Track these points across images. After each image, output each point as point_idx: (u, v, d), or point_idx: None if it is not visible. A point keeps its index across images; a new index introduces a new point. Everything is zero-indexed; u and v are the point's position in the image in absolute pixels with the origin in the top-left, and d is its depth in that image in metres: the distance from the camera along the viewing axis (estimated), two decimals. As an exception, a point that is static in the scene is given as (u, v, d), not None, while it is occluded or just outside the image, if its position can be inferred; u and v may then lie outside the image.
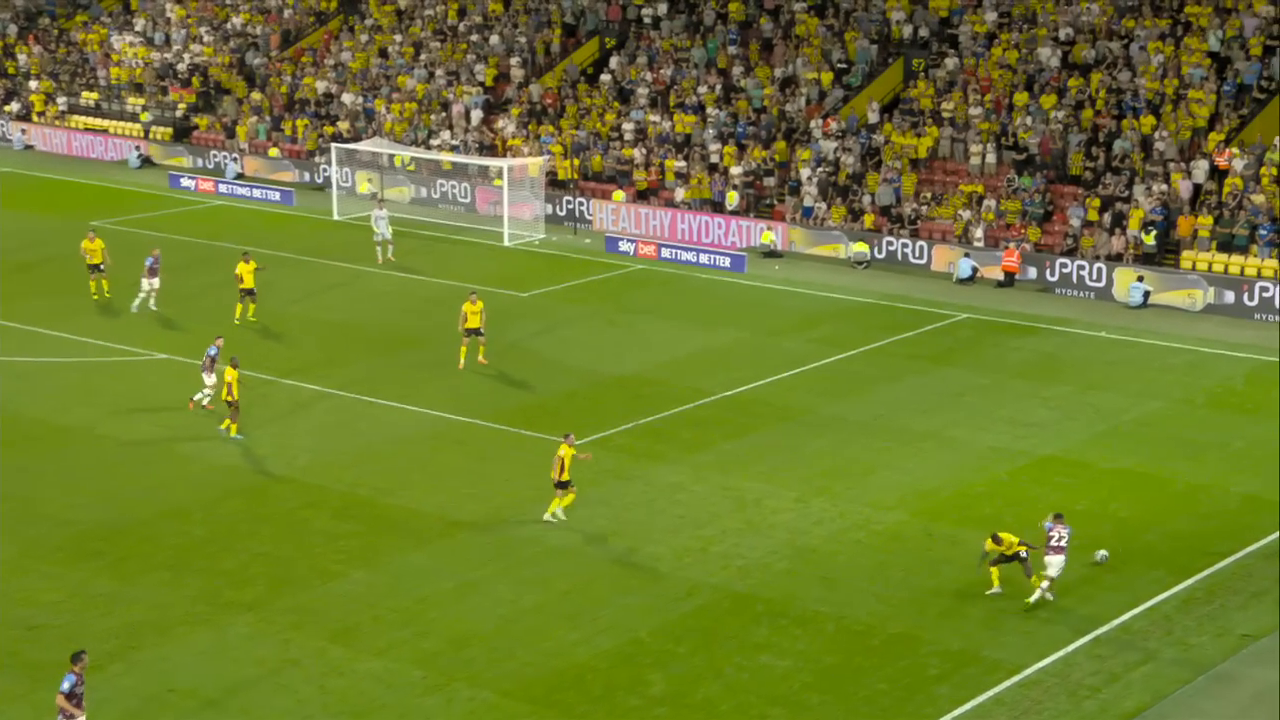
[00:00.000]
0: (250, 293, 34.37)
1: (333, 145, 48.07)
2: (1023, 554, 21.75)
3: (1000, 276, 38.86)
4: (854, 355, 32.31)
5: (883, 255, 40.68)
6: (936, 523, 24.29)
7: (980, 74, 44.43)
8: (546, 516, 24.19)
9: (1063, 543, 21.73)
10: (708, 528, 24.16)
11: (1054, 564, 21.66)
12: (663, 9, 51.56)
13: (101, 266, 35.77)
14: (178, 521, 24.21)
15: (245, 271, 34.34)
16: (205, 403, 28.61)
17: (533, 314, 36.39)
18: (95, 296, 36.03)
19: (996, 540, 21.79)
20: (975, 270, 39.11)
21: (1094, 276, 37.48)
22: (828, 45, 47.74)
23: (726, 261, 40.65)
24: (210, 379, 28.54)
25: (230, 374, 27.28)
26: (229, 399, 27.23)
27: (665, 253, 41.60)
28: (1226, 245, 37.01)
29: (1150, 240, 37.57)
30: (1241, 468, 26.19)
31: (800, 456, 27.22)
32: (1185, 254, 37.46)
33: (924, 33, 46.80)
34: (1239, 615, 21.09)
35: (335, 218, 45.88)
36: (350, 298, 36.92)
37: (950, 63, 45.20)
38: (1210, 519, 24.25)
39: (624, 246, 42.25)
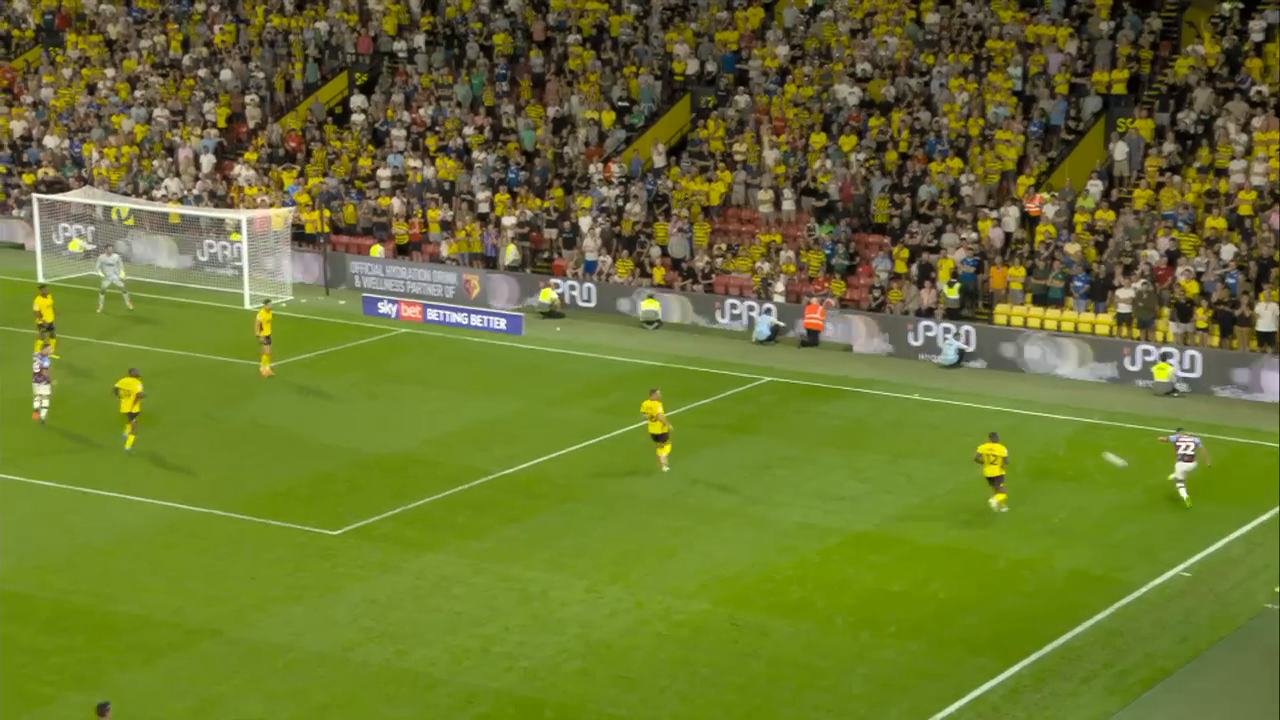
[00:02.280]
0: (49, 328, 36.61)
1: (34, 196, 46.65)
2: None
3: (803, 334, 40.18)
4: (645, 426, 32.88)
5: (677, 315, 41.64)
6: (742, 610, 24.87)
7: (774, 113, 46.15)
8: (665, 468, 30.17)
9: (1190, 450, 28.61)
10: (488, 625, 24.23)
11: (1182, 469, 28.65)
12: (420, 41, 52.00)
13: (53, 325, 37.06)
14: None
15: (44, 306, 36.16)
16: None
17: (280, 386, 35.94)
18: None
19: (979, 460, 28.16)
20: (776, 328, 40.35)
21: (907, 334, 39.09)
22: (606, 81, 48.88)
23: (502, 323, 41.00)
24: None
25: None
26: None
27: (432, 314, 41.71)
28: (1042, 298, 39.20)
29: (953, 293, 39.48)
30: (1067, 541, 27.62)
31: (590, 541, 27.54)
32: (999, 308, 39.51)
33: (711, 68, 48.42)
34: (1070, 703, 22.08)
35: (40, 280, 44.42)
36: (59, 373, 35.75)
37: (741, 100, 46.83)
38: (1036, 597, 25.45)
39: (385, 308, 42.18)
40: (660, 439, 30.46)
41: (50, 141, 51.52)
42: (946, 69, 45.29)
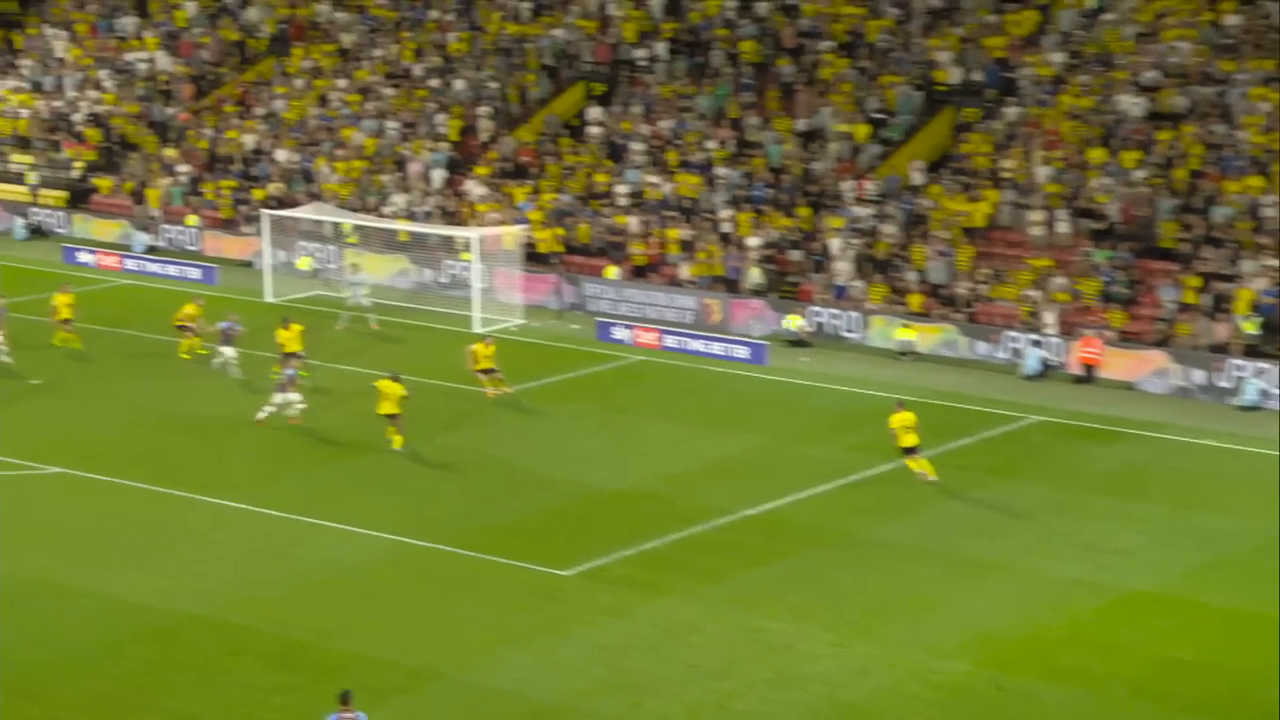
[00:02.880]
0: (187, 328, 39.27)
1: (263, 212, 48.54)
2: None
3: (1078, 370, 39.17)
4: (900, 466, 32.41)
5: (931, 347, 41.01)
6: (1007, 673, 24.24)
7: (1046, 126, 45.15)
8: (931, 478, 31.12)
9: None
10: (727, 678, 24.08)
11: None
12: (661, 49, 52.49)
13: (71, 320, 39.84)
14: (73, 673, 24.05)
15: (288, 338, 37.77)
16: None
17: (509, 415, 36.54)
18: (60, 345, 40.12)
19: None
20: (1046, 363, 39.41)
21: (1192, 370, 37.75)
22: (861, 92, 48.54)
23: (745, 352, 40.94)
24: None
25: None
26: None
27: (670, 340, 41.90)
28: (1355, 333, 37.38)
29: (1252, 328, 37.93)
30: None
31: (837, 590, 27.21)
32: (1307, 344, 37.82)
33: (977, 77, 47.63)
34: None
35: (268, 299, 46.16)
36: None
37: (1010, 113, 45.95)
38: (1347, 669, 24.20)
39: (619, 333, 42.55)
40: (912, 451, 30.85)
41: (281, 155, 53.59)
42: (1246, 76, 43.68)
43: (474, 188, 49.90)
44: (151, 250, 51.28)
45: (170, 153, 55.34)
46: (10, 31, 64.32)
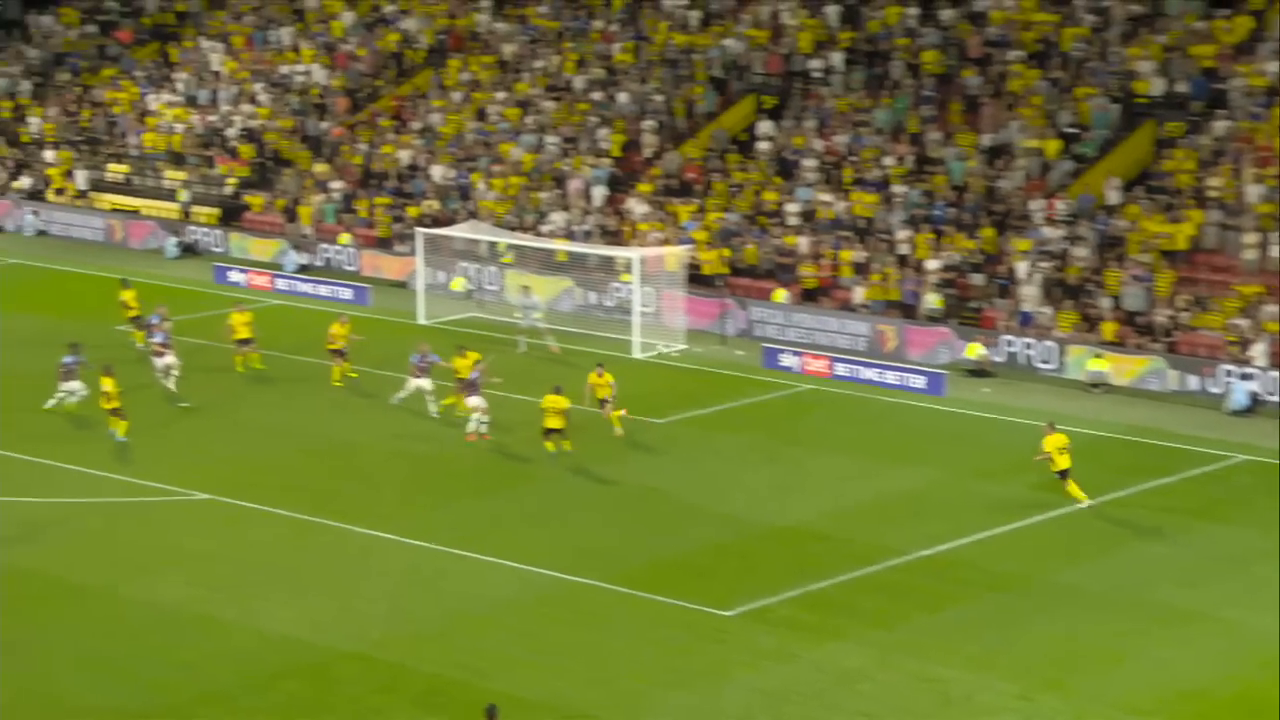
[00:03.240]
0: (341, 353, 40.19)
1: (417, 230, 49.32)
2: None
3: (1287, 405, 38.07)
4: (1091, 506, 31.80)
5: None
6: (1211, 733, 23.64)
7: (1259, 141, 44.08)
8: (1083, 503, 31.46)
9: None
10: (900, 731, 23.83)
11: None
12: (837, 59, 52.34)
13: (252, 340, 41.16)
14: (219, 709, 24.59)
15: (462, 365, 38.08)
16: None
17: (670, 446, 36.63)
18: (242, 370, 41.23)
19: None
20: (1255, 397, 38.42)
21: None
22: (1053, 105, 47.88)
23: (921, 381, 40.55)
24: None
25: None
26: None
27: (841, 369, 41.66)
28: None
29: None
30: None
31: (1022, 638, 26.77)
32: None
33: (1181, 88, 46.70)
34: None
35: (420, 321, 46.88)
36: (439, 424, 37.57)
37: (1218, 127, 44.95)
38: None
39: (787, 360, 42.42)
40: (1065, 475, 31.39)
41: (436, 171, 54.45)
42: None
43: (636, 206, 50.18)
44: (303, 270, 52.34)
45: (323, 169, 56.53)
46: (167, 44, 66.29)
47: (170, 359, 39.22)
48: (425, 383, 37.97)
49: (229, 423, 37.98)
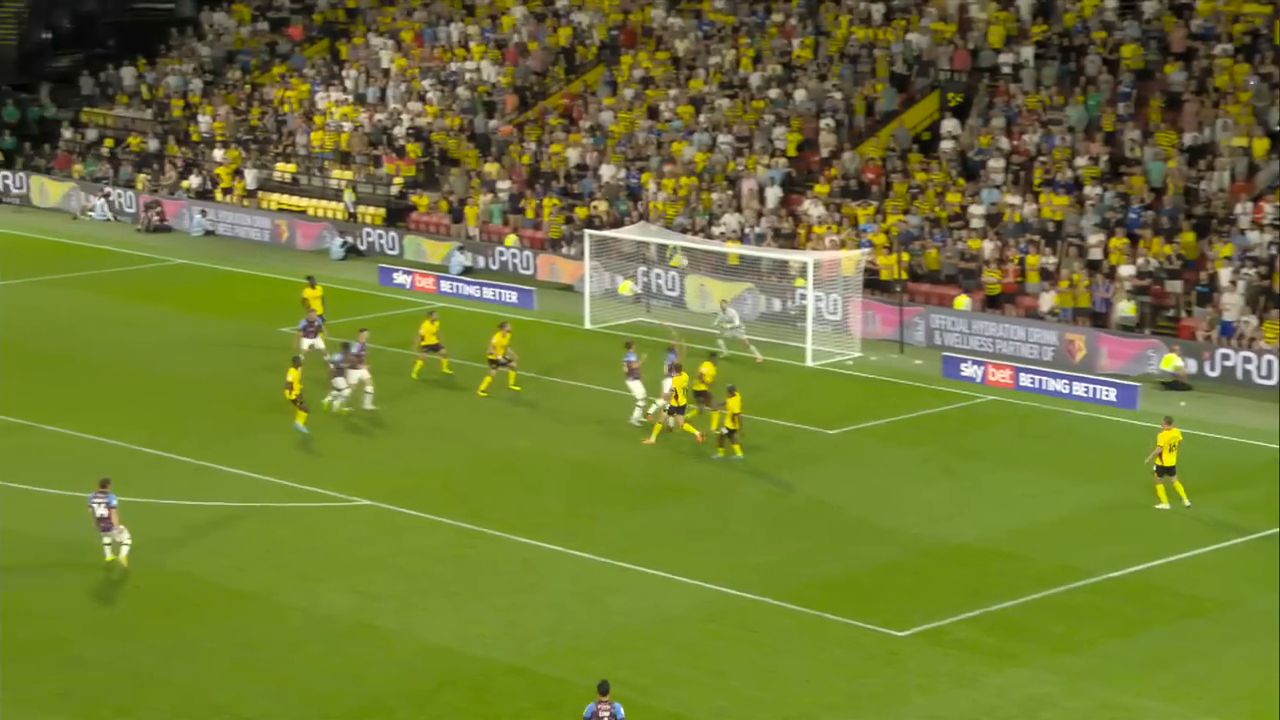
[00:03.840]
0: (435, 348, 41.42)
1: (585, 232, 49.85)
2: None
3: None
4: (1188, 508, 31.22)
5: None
6: None
7: None
8: (1187, 503, 32.28)
9: None
10: (1084, 762, 23.64)
11: None
12: (1028, 54, 51.85)
13: (440, 346, 41.77)
14: None
15: (429, 331, 40.44)
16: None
17: (842, 458, 36.63)
18: (416, 376, 41.76)
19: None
20: None
21: None
22: (1261, 101, 46.93)
23: (1112, 394, 40.03)
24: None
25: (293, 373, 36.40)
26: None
27: (1026, 379, 41.29)
28: None
29: None
30: None
31: (1220, 666, 26.38)
32: None
33: (1400, 82, 45.49)
34: None
35: (587, 325, 47.37)
36: (603, 432, 37.98)
37: None
38: None
39: (968, 370, 42.15)
40: (1169, 472, 32.20)
41: (606, 171, 55.00)
42: None
43: (812, 208, 50.18)
44: (468, 272, 53.13)
45: (491, 168, 57.39)
46: (337, 42, 67.82)
47: (363, 373, 39.27)
48: (636, 386, 38.02)
49: (390, 428, 38.74)
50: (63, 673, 26.34)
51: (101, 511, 29.93)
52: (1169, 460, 32.61)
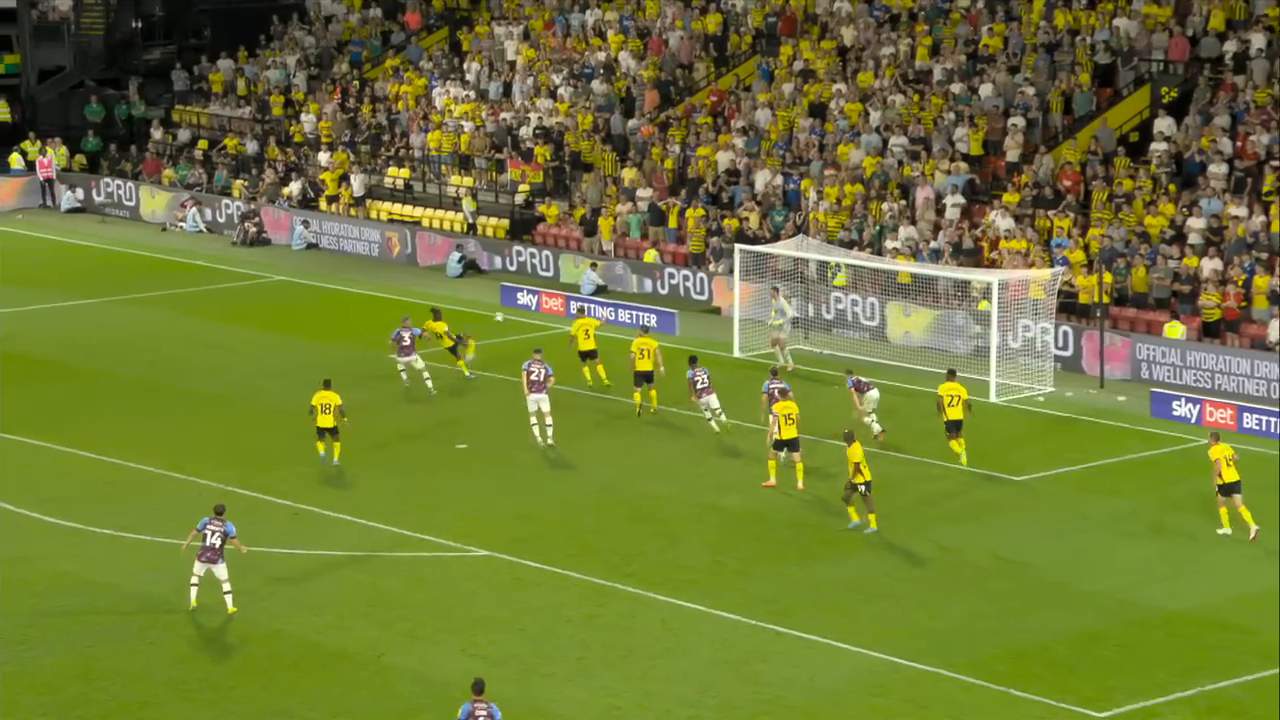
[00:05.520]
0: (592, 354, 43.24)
1: (735, 247, 49.82)
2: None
3: None
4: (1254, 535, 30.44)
5: None
6: None
7: None
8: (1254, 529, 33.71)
9: None
10: None
11: None
12: (1258, 42, 51.08)
13: (595, 353, 43.74)
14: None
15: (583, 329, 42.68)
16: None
17: (1032, 508, 36.25)
18: (591, 384, 43.61)
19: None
20: None
21: None
22: None
23: (1351, 439, 39.17)
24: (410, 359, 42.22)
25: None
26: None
27: (1250, 420, 40.56)
28: None
29: None
30: None
31: None
32: None
33: None
34: None
35: (735, 354, 47.29)
36: (752, 475, 37.85)
37: None
38: None
39: (1181, 409, 41.52)
40: (1232, 490, 33.47)
41: (760, 178, 54.96)
42: None
43: (998, 220, 49.78)
44: (600, 291, 53.26)
45: (629, 174, 57.59)
46: (458, 30, 68.48)
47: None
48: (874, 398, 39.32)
49: (509, 468, 38.91)
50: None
51: (214, 540, 30.40)
52: (1229, 476, 33.86)
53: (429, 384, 43.38)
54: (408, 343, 43.30)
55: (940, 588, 32.40)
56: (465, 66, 65.67)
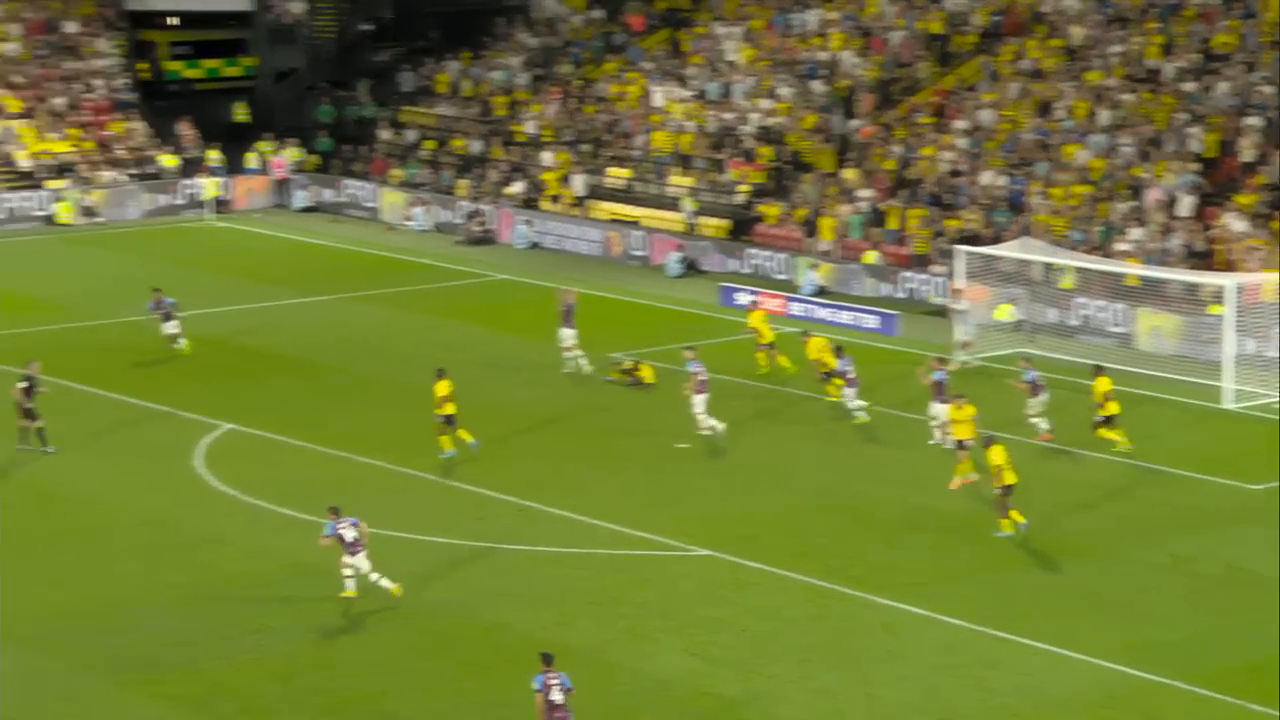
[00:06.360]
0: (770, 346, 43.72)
1: (958, 248, 48.89)
2: None
3: None
4: None
5: None
6: None
7: None
8: None
9: None
10: None
11: None
12: None
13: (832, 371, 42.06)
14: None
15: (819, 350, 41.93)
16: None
17: (1269, 518, 34.99)
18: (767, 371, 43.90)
19: None
20: None
21: None
22: None
23: None
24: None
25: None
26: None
27: None
28: None
29: None
30: None
31: None
32: None
33: None
34: None
35: (960, 357, 46.39)
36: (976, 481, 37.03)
37: None
38: None
39: None
40: None
41: (984, 178, 53.95)
42: None
43: (1233, 221, 48.39)
44: (821, 293, 52.69)
45: (850, 174, 56.86)
46: (678, 31, 68.22)
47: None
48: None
49: (731, 468, 38.49)
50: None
51: (353, 535, 30.63)
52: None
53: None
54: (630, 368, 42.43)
55: (1172, 597, 31.49)
56: (685, 68, 65.32)
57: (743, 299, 52.30)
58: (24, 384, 38.60)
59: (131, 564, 32.91)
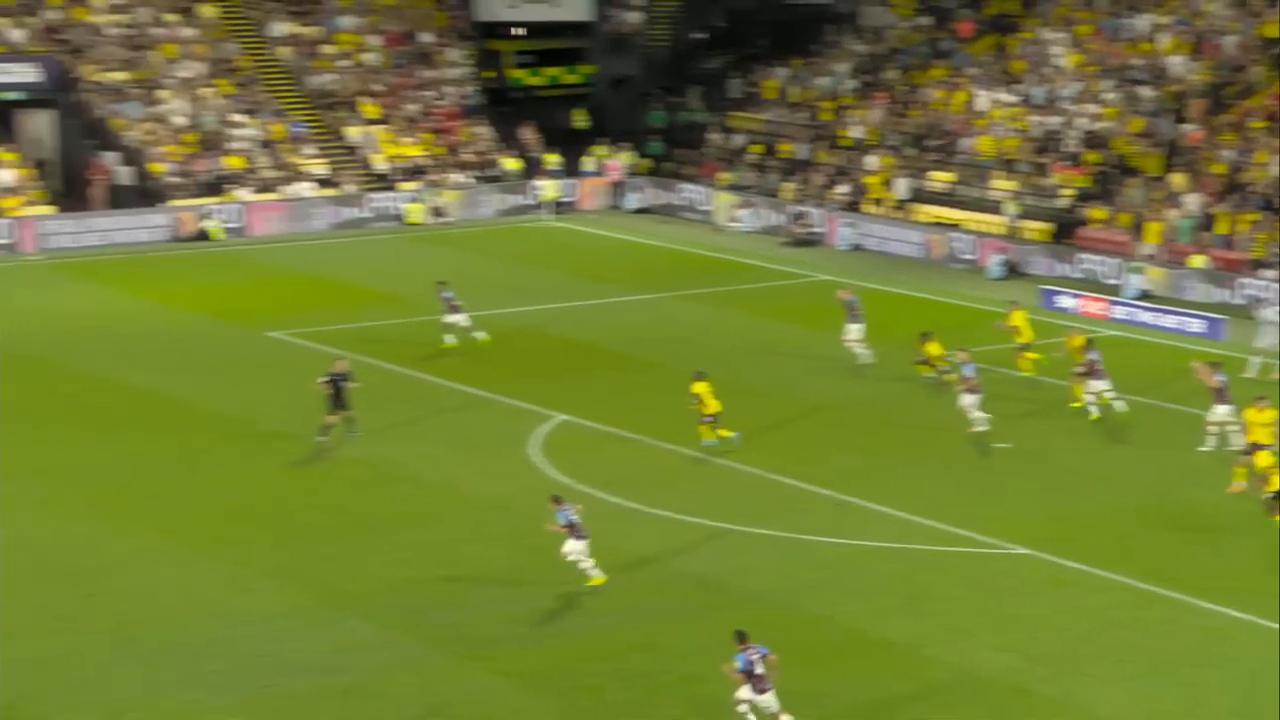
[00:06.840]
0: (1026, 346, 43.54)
1: (1285, 255, 47.46)
2: None
3: None
4: None
5: None
6: None
7: None
8: None
9: None
10: None
11: None
12: None
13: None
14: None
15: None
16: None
17: None
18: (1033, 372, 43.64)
19: None
20: None
21: None
22: None
23: None
24: None
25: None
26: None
27: None
28: None
29: None
30: None
31: None
32: None
33: None
34: None
35: (1255, 364, 45.07)
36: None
37: None
38: None
39: None
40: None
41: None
42: None
43: None
44: (1144, 296, 51.63)
45: (1178, 179, 55.54)
46: (1005, 37, 67.41)
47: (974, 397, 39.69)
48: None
49: (1052, 468, 37.97)
50: (704, 716, 26.95)
51: (575, 518, 31.29)
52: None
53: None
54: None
55: None
56: (1011, 72, 64.49)
57: (1065, 302, 51.59)
58: (329, 378, 39.26)
59: (472, 545, 33.80)
